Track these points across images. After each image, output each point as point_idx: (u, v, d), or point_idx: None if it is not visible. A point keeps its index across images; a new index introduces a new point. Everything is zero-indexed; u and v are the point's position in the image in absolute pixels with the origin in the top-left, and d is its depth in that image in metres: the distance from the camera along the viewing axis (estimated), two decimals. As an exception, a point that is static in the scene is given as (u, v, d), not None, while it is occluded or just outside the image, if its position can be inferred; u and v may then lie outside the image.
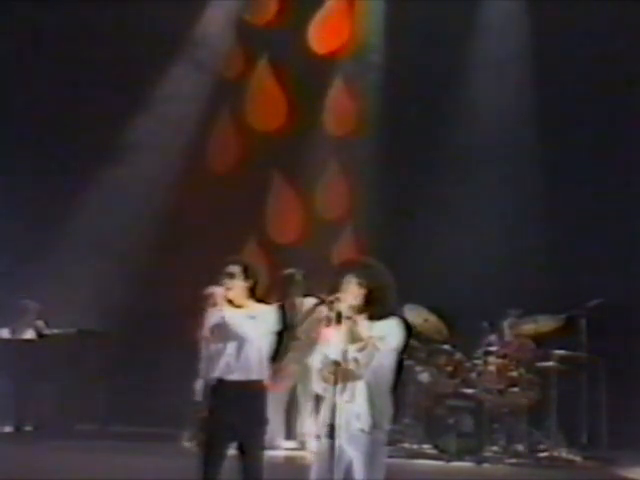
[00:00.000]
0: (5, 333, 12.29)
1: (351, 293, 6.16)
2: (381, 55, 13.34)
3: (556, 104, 12.33)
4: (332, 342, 6.14)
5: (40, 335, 12.26)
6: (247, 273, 6.90)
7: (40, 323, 12.30)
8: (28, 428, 11.95)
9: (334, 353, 6.05)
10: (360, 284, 6.17)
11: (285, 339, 6.97)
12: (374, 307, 6.17)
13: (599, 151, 12.10)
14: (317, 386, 6.24)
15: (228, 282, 6.85)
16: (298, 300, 10.66)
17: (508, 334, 11.18)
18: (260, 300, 6.95)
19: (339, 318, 6.13)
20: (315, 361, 6.24)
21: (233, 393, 6.77)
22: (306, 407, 10.75)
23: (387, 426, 6.14)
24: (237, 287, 6.87)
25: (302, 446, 10.75)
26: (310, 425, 10.55)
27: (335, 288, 6.19)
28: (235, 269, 6.88)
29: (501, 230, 12.32)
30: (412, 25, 12.91)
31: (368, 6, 13.59)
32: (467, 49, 13.03)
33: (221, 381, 6.78)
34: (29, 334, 12.29)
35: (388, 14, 13.32)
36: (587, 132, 12.23)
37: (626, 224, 12.06)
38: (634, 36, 12.06)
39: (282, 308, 7.03)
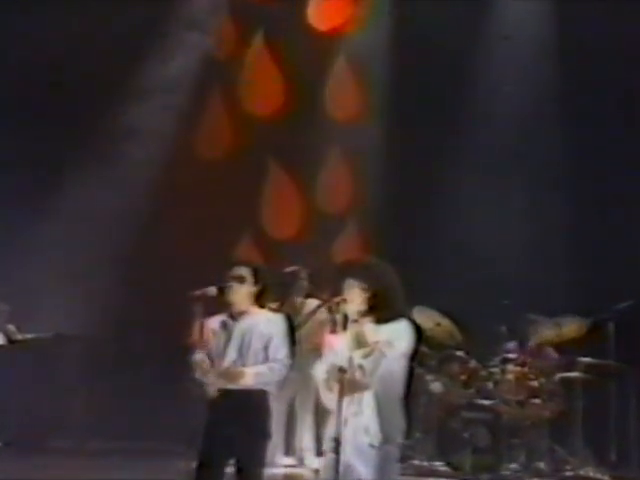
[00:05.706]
0: (-29, 338, 12.42)
1: (354, 298, 5.96)
2: (387, 33, 13.07)
3: (573, 99, 12.22)
4: (336, 349, 5.99)
5: (11, 341, 12.00)
6: (257, 277, 6.81)
7: (11, 327, 11.98)
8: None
9: (339, 360, 5.88)
10: (363, 288, 5.98)
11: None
12: (380, 310, 5.96)
13: (620, 151, 11.90)
14: (324, 398, 6.02)
15: (235, 285, 6.75)
16: (299, 301, 10.42)
17: (528, 340, 10.90)
18: (262, 305, 6.89)
19: (345, 322, 5.98)
20: (320, 370, 6.03)
21: (233, 404, 6.63)
22: (305, 420, 10.51)
23: (399, 440, 5.92)
24: (243, 291, 6.77)
25: (301, 462, 10.54)
26: (309, 440, 10.42)
27: (336, 293, 6.04)
28: (244, 271, 6.80)
29: (520, 222, 12.14)
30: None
31: (373, -21, 13.75)
32: (478, 29, 12.80)
33: (220, 391, 6.66)
34: (-2, 339, 12.37)
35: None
36: (607, 132, 12.00)
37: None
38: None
39: (289, 318, 6.93)
